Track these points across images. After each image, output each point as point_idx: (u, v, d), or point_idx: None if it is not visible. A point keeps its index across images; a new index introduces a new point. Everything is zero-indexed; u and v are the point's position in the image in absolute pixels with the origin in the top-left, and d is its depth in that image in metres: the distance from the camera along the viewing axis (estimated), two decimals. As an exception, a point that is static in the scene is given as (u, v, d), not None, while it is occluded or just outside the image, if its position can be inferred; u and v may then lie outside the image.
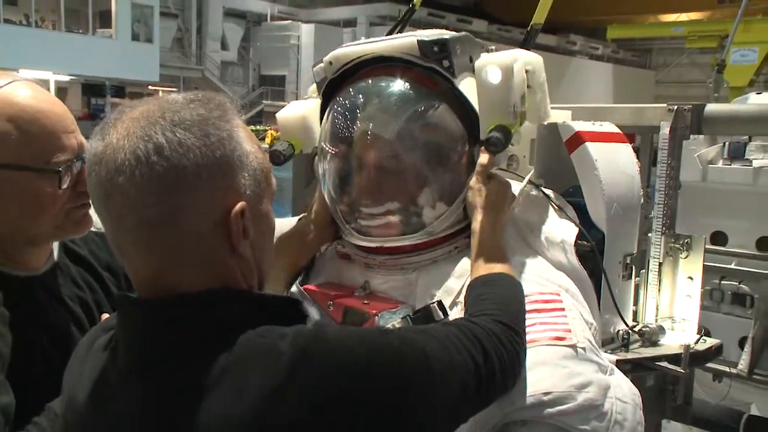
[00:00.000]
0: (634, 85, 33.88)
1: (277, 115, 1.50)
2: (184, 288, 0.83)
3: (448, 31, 1.33)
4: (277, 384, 0.76)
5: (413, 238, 1.31)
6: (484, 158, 1.28)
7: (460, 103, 1.29)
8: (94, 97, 27.42)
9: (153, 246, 0.83)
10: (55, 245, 1.32)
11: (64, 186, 1.18)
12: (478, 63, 1.25)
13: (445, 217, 1.30)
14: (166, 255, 0.83)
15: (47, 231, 1.21)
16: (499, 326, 1.02)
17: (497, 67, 1.22)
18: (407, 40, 1.30)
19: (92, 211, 1.30)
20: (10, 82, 1.16)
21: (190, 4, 30.48)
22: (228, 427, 0.76)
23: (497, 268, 1.19)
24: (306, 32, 32.20)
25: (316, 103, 1.46)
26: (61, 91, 25.20)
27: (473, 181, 1.28)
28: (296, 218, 1.51)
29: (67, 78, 25.08)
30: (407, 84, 1.31)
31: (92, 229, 1.38)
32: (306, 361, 0.78)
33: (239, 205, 0.83)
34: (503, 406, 1.08)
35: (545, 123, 1.42)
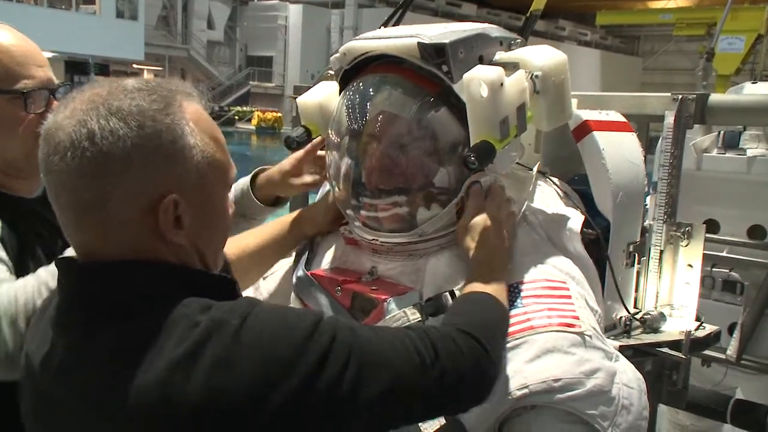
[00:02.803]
0: (621, 71, 34.03)
1: (298, 99, 1.49)
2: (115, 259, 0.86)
3: (456, 30, 1.29)
4: (184, 353, 0.78)
5: (404, 237, 1.31)
6: (474, 200, 1.26)
7: (458, 108, 1.25)
8: (78, 74, 26.98)
9: (84, 225, 0.86)
10: (40, 185, 1.41)
11: (31, 110, 1.32)
12: (466, 76, 1.20)
13: (436, 219, 1.29)
14: (96, 234, 0.86)
15: (20, 158, 1.33)
16: (461, 335, 0.99)
17: (484, 83, 1.18)
18: (409, 41, 1.26)
19: None
20: None
21: (175, -18, 30.05)
22: (137, 391, 0.78)
23: (488, 288, 1.15)
24: (294, 13, 31.88)
25: (335, 88, 1.45)
26: (44, 68, 24.71)
27: (462, 222, 1.26)
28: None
29: (49, 55, 24.53)
30: (405, 84, 1.28)
31: None
32: (217, 331, 0.79)
33: (169, 197, 0.85)
34: (511, 390, 1.11)
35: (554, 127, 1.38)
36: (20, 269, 1.27)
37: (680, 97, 1.56)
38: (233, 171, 0.95)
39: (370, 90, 1.32)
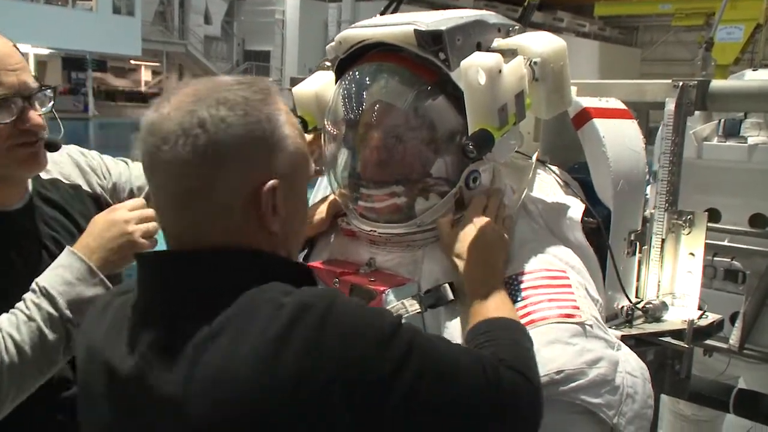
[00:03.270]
0: (620, 62, 33.92)
1: (294, 89, 1.47)
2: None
3: (453, 16, 1.27)
4: (273, 335, 0.80)
5: (402, 227, 1.29)
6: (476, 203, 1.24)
7: (456, 97, 1.23)
8: (75, 71, 26.96)
9: (187, 211, 0.89)
10: (26, 193, 1.37)
11: (2, 121, 1.23)
12: (463, 63, 1.19)
13: (434, 209, 1.27)
14: (197, 220, 0.89)
15: None
16: (518, 375, 0.96)
17: (482, 70, 1.16)
18: (406, 28, 1.24)
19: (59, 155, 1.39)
20: None
21: (172, -23, 29.94)
22: (227, 373, 0.80)
23: (500, 312, 1.11)
24: (291, 7, 31.74)
25: (332, 78, 1.43)
26: (41, 65, 24.71)
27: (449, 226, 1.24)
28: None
29: (46, 51, 24.59)
30: (402, 72, 1.26)
31: (64, 181, 1.47)
32: (305, 313, 0.81)
33: (271, 183, 0.88)
34: None
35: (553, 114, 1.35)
36: None
37: (681, 83, 1.55)
38: (313, 168, 1.00)
39: (367, 79, 1.30)
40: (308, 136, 1.42)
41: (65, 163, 1.48)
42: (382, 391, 0.81)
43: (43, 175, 1.42)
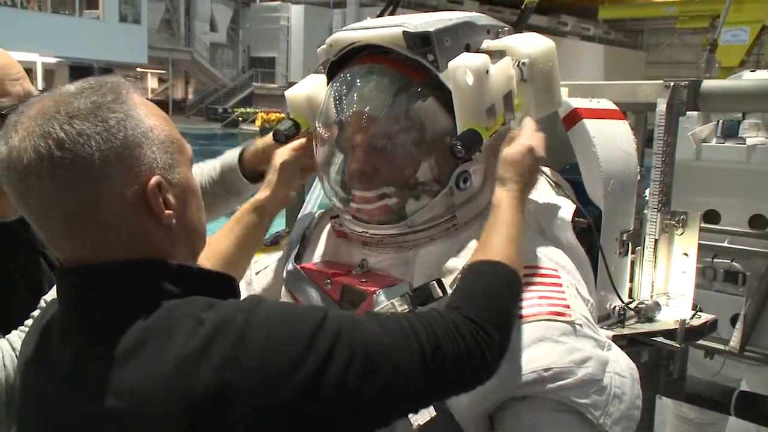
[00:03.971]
0: (625, 66, 33.85)
1: (286, 92, 1.48)
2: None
3: (441, 18, 1.27)
4: (191, 350, 0.79)
5: (394, 228, 1.29)
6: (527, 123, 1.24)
7: (445, 98, 1.23)
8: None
9: (79, 236, 0.86)
10: None
11: None
12: (451, 64, 1.19)
13: (425, 210, 1.27)
14: (94, 242, 0.86)
15: None
16: (464, 320, 0.96)
17: (469, 70, 1.17)
18: (395, 30, 1.25)
19: None
20: None
21: (177, -15, 30.12)
22: (149, 386, 0.80)
23: (500, 254, 1.08)
24: (296, 13, 31.91)
25: (323, 80, 1.44)
26: (48, 74, 24.86)
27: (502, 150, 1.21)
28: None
29: (53, 60, 24.75)
30: (392, 74, 1.27)
31: None
32: (224, 328, 0.81)
33: (153, 180, 0.86)
34: (503, 383, 1.09)
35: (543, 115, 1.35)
36: None
37: (672, 84, 1.55)
38: (190, 148, 0.96)
39: (357, 81, 1.31)
40: (302, 140, 1.43)
41: None
42: (310, 389, 0.81)
43: None
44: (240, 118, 29.47)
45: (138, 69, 28.08)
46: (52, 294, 1.22)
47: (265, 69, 32.41)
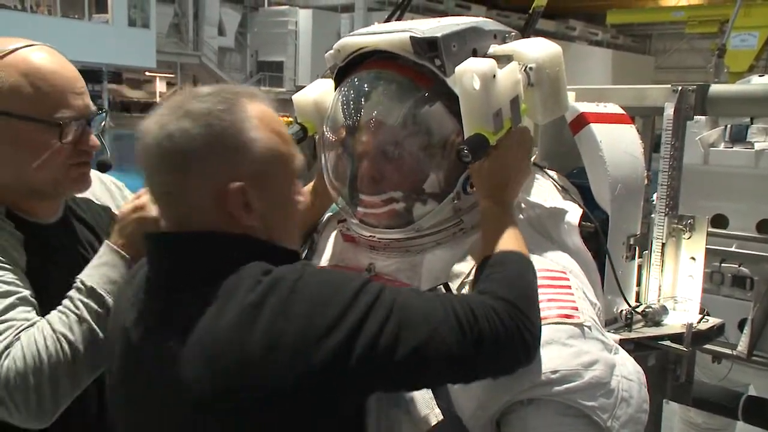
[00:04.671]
0: (633, 71, 33.76)
1: (294, 96, 1.50)
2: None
3: (449, 23, 1.28)
4: (249, 303, 0.91)
5: (401, 232, 1.30)
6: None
7: (453, 103, 1.24)
8: (91, 83, 27.20)
9: (170, 209, 1.03)
10: (60, 208, 1.42)
11: (66, 140, 1.29)
12: (458, 69, 1.20)
13: (432, 214, 1.28)
14: (181, 216, 1.01)
15: (48, 184, 1.31)
16: (499, 302, 1.02)
17: (476, 75, 1.17)
18: (402, 35, 1.26)
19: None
20: (32, 45, 1.31)
21: (186, -11, 30.26)
22: (213, 336, 0.92)
23: (508, 245, 1.16)
24: (303, 18, 32.00)
25: (331, 85, 1.45)
26: (58, 78, 24.92)
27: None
28: None
29: (63, 64, 24.85)
30: (400, 79, 1.28)
31: (96, 201, 1.52)
32: (277, 287, 0.92)
33: (236, 185, 0.98)
34: (510, 385, 1.10)
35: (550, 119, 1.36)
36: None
37: (680, 88, 1.55)
38: (298, 161, 1.07)
39: (364, 86, 1.32)
40: None
41: (96, 185, 1.52)
42: (348, 344, 0.90)
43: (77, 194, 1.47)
44: (248, 122, 29.48)
45: (146, 73, 28.24)
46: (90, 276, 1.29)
47: (273, 73, 32.49)
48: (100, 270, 1.27)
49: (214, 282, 0.96)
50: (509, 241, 1.17)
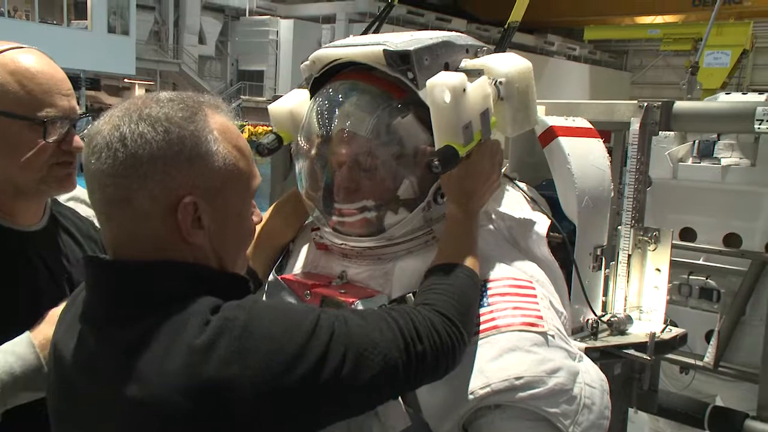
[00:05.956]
0: (610, 85, 34.31)
1: (269, 106, 1.51)
2: (139, 258, 0.94)
3: (422, 37, 1.31)
4: (201, 343, 0.86)
5: (372, 241, 1.32)
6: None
7: (424, 115, 1.26)
8: (69, 89, 26.89)
9: (113, 219, 0.95)
10: (46, 215, 1.42)
11: (49, 139, 1.29)
12: (429, 82, 1.23)
13: (404, 223, 1.31)
14: (123, 228, 0.94)
15: (32, 182, 1.32)
16: (437, 316, 1.07)
17: (446, 88, 1.20)
18: (376, 48, 1.28)
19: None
20: (21, 48, 1.33)
21: (167, -3, 30.11)
22: (161, 377, 0.86)
23: (459, 257, 1.20)
24: (285, 28, 32.00)
25: (306, 95, 1.47)
26: (34, 83, 24.60)
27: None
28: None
29: (40, 69, 24.53)
30: (373, 90, 1.30)
31: (80, 211, 1.51)
32: (228, 328, 0.87)
33: (188, 198, 0.92)
34: (473, 389, 1.13)
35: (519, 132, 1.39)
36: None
37: (645, 104, 1.60)
38: (257, 180, 1.02)
39: (339, 97, 1.34)
40: None
41: (81, 193, 1.52)
42: (310, 382, 0.88)
43: (62, 200, 1.48)
44: (227, 131, 29.31)
45: (126, 80, 27.98)
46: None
47: (253, 82, 32.40)
48: (6, 357, 1.18)
49: (157, 316, 0.89)
50: (464, 251, 1.21)
